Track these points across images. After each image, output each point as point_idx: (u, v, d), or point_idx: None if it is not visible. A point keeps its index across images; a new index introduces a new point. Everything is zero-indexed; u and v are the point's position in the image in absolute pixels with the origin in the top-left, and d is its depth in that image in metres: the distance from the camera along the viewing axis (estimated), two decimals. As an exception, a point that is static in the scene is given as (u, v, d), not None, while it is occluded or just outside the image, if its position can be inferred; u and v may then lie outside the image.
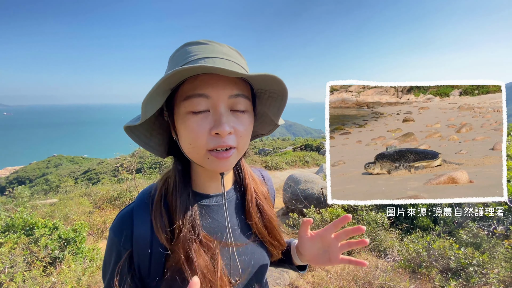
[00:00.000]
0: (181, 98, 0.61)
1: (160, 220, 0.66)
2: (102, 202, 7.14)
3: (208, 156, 0.63)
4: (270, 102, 0.74)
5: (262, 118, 0.80)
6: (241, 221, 0.78)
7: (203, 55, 0.61)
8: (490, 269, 3.07)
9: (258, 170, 0.94)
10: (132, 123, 0.64)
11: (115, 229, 0.69)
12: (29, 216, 3.77)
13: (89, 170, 36.33)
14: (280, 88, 0.66)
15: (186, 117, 0.61)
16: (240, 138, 0.64)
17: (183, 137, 0.63)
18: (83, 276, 3.31)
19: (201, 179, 0.74)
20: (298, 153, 14.74)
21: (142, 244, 0.66)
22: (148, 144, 0.72)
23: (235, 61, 0.64)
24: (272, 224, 0.80)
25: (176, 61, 0.64)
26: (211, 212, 0.73)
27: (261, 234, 0.78)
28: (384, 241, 4.37)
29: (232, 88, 0.61)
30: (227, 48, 0.66)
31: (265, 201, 0.82)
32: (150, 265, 0.66)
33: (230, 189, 0.79)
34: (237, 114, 0.64)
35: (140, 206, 0.70)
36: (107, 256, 0.70)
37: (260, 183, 0.86)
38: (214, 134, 0.60)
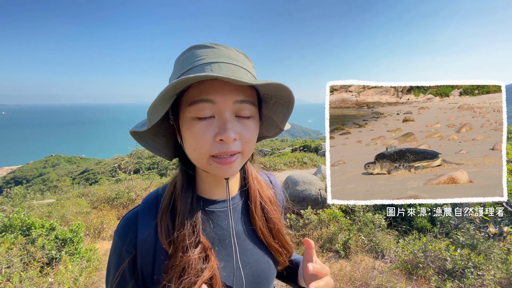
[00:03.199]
0: (186, 104, 0.60)
1: (165, 224, 0.66)
2: (99, 203, 7.10)
3: (210, 162, 0.62)
4: (276, 107, 0.73)
5: (268, 121, 0.79)
6: (247, 228, 0.76)
7: (209, 59, 0.61)
8: (486, 271, 3.08)
9: (266, 175, 0.92)
10: (138, 128, 0.64)
11: (119, 232, 0.69)
12: (26, 216, 3.75)
13: (86, 170, 36.14)
14: (287, 94, 0.65)
15: (191, 123, 0.60)
16: (246, 143, 0.63)
17: (187, 142, 0.63)
18: (80, 277, 3.29)
19: (206, 184, 0.73)
20: (297, 154, 14.74)
21: (146, 248, 0.66)
22: (154, 147, 0.72)
23: (242, 66, 0.63)
24: (278, 229, 0.78)
25: (182, 64, 0.63)
26: (215, 218, 0.71)
27: (266, 240, 0.76)
28: (381, 242, 4.38)
29: (237, 94, 0.61)
30: (234, 52, 0.65)
31: (271, 205, 0.80)
32: (153, 270, 0.66)
33: (236, 194, 0.77)
34: (243, 120, 0.63)
35: (145, 210, 0.70)
36: (111, 259, 0.70)
37: (266, 186, 0.84)
38: (219, 140, 0.59)
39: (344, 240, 4.42)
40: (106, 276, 0.72)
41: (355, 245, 4.37)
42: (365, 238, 4.46)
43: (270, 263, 0.77)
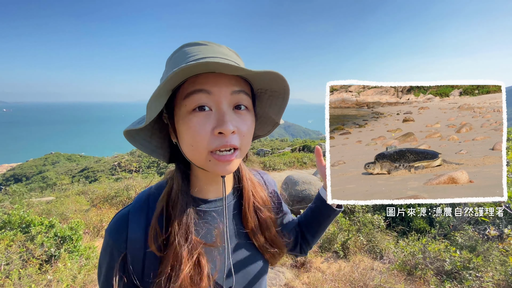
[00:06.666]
0: (182, 97, 0.60)
1: (156, 230, 0.65)
2: (99, 201, 7.10)
3: (209, 158, 0.61)
4: (271, 101, 0.73)
5: (262, 118, 0.79)
6: (238, 227, 0.76)
7: (202, 55, 0.60)
8: (485, 272, 3.08)
9: (259, 174, 0.92)
10: (134, 126, 0.63)
11: (110, 231, 0.68)
12: (26, 214, 3.75)
13: (86, 168, 36.16)
14: (282, 86, 0.65)
15: (187, 117, 0.60)
16: (243, 138, 0.63)
17: (184, 138, 0.62)
18: (79, 274, 3.30)
19: (201, 183, 0.72)
20: (296, 154, 14.74)
21: (136, 247, 0.66)
22: (150, 148, 0.71)
23: (234, 62, 0.63)
24: (270, 230, 0.78)
25: (175, 62, 0.63)
26: (208, 218, 0.71)
27: (258, 241, 0.76)
28: (380, 243, 4.38)
29: (234, 85, 0.61)
30: (226, 49, 0.65)
31: (264, 206, 0.80)
32: (143, 269, 0.65)
33: (229, 193, 0.78)
34: (240, 113, 0.63)
35: (136, 210, 0.69)
36: (102, 257, 0.70)
37: (260, 187, 0.84)
38: (217, 133, 0.59)
39: (343, 241, 4.42)
40: (98, 275, 0.71)
41: (354, 246, 4.38)
42: (364, 238, 4.47)
43: (261, 262, 0.78)
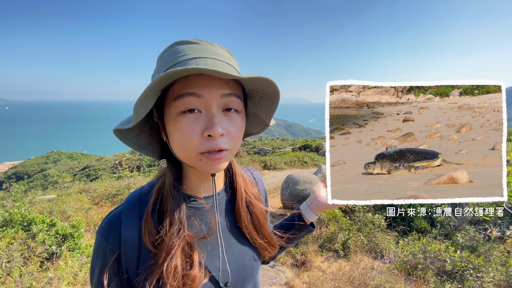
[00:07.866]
0: (172, 98, 0.59)
1: (150, 224, 0.65)
2: (100, 199, 7.13)
3: (200, 157, 0.61)
4: (262, 103, 0.73)
5: (254, 117, 0.79)
6: (231, 223, 0.77)
7: (194, 55, 0.60)
8: (486, 273, 3.08)
9: (249, 170, 0.93)
10: (122, 126, 0.63)
11: (102, 232, 0.68)
12: (27, 212, 3.76)
13: (88, 167, 36.27)
14: (272, 89, 0.65)
15: (177, 119, 0.59)
16: (233, 139, 0.63)
17: (174, 139, 0.62)
18: (80, 272, 3.31)
19: (192, 181, 0.73)
20: (297, 153, 14.75)
21: (130, 246, 0.65)
22: (138, 145, 0.71)
23: (227, 62, 0.63)
24: (262, 224, 0.79)
25: (166, 61, 0.62)
26: (201, 214, 0.71)
27: (251, 236, 0.77)
28: (381, 243, 4.38)
29: (224, 88, 0.60)
30: (219, 48, 0.65)
31: (256, 201, 0.80)
32: (138, 267, 0.65)
33: (221, 190, 0.78)
34: (230, 115, 0.62)
35: (129, 209, 0.69)
36: (94, 259, 0.69)
37: (251, 183, 0.85)
38: (207, 136, 0.59)
39: (344, 240, 4.43)
40: (90, 276, 0.71)
41: (354, 245, 4.38)
42: (364, 238, 4.47)
43: (255, 256, 0.79)
